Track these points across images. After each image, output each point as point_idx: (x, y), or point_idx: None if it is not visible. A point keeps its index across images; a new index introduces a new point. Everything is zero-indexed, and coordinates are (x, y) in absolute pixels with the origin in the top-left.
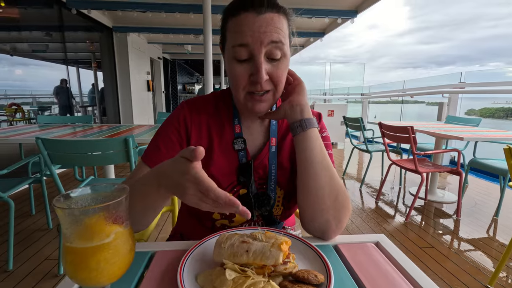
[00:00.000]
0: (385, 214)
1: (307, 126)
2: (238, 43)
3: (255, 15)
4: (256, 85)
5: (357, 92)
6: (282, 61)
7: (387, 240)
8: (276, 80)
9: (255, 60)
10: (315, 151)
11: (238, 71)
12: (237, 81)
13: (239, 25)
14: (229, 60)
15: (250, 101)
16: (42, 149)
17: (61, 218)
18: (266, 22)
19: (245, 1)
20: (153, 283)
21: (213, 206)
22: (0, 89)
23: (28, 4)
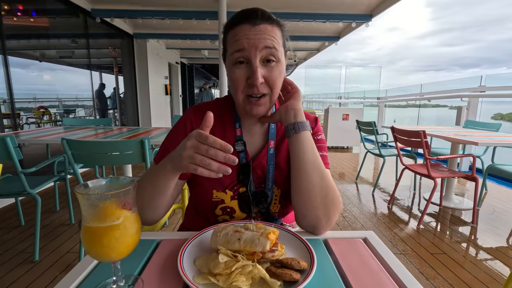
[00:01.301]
0: (397, 219)
1: (300, 128)
2: (235, 49)
3: (250, 26)
4: (253, 88)
5: (373, 96)
6: (277, 66)
7: (375, 237)
8: (271, 83)
9: (251, 64)
10: (307, 152)
11: (237, 75)
12: (236, 85)
13: (237, 35)
14: (229, 66)
15: (248, 104)
16: (67, 149)
17: (81, 202)
18: (260, 31)
19: (243, 15)
20: (158, 266)
21: (207, 155)
22: (30, 93)
23: (57, 13)
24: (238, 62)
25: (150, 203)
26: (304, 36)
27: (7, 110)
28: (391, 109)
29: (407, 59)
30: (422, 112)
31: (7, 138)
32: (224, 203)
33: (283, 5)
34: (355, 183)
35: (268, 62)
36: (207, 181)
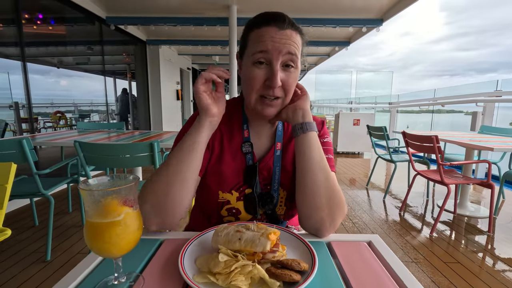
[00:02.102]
0: (409, 227)
1: (307, 129)
2: (258, 50)
3: (277, 29)
4: (269, 90)
5: (385, 101)
6: (294, 72)
7: (380, 241)
8: (287, 88)
9: (272, 67)
10: (314, 152)
11: (255, 74)
12: (252, 84)
13: (262, 36)
14: (247, 65)
15: (261, 104)
16: (79, 151)
17: (84, 198)
18: (286, 36)
19: (270, 17)
20: (159, 264)
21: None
22: (47, 98)
23: (74, 22)
24: (258, 62)
25: (175, 182)
26: (314, 42)
27: (25, 114)
28: (404, 114)
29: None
30: (436, 117)
31: (23, 140)
32: (230, 204)
33: (293, 10)
34: (366, 189)
35: (287, 67)
36: (214, 182)
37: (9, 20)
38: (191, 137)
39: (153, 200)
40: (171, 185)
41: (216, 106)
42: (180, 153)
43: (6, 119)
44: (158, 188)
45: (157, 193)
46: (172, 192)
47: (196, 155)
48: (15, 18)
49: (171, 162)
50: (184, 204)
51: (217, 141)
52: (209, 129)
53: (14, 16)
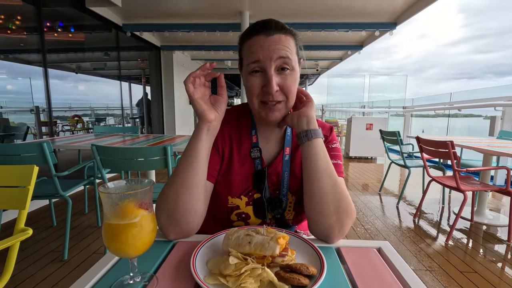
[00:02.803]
0: (423, 234)
1: (312, 136)
2: (251, 60)
3: (264, 37)
4: (268, 95)
5: (399, 105)
6: (291, 74)
7: (390, 247)
8: (286, 90)
9: (267, 73)
10: (319, 159)
11: (253, 82)
12: (252, 91)
13: (252, 46)
14: (245, 75)
15: (264, 110)
16: (96, 154)
17: (103, 200)
18: (274, 41)
19: (257, 26)
20: (172, 265)
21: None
22: (66, 102)
23: (92, 29)
24: (254, 71)
25: (182, 189)
26: (326, 46)
27: (45, 118)
28: (419, 119)
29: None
30: (452, 122)
31: (44, 144)
32: (239, 209)
33: (305, 15)
34: (379, 194)
35: (282, 70)
36: (223, 187)
37: (32, 28)
38: (192, 144)
39: (167, 209)
40: (180, 192)
41: (213, 111)
42: (184, 160)
43: (27, 122)
44: (168, 196)
45: (168, 201)
46: (182, 199)
47: (200, 161)
48: (37, 27)
49: (177, 170)
50: (195, 210)
51: (227, 147)
52: (208, 134)
53: (37, 24)
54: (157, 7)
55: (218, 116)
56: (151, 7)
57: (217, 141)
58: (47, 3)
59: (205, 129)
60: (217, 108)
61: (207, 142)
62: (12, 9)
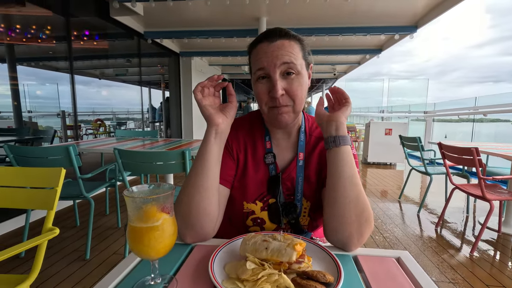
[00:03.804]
0: (446, 244)
1: (340, 143)
2: (257, 67)
3: (268, 43)
4: (275, 100)
5: (420, 110)
6: (297, 78)
7: (409, 257)
8: (292, 94)
9: (271, 79)
10: (345, 167)
11: (260, 89)
12: (260, 98)
13: (257, 54)
14: (253, 83)
15: (272, 115)
16: (118, 158)
17: (127, 204)
18: (277, 47)
19: (263, 34)
20: (191, 268)
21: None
22: (89, 107)
23: (116, 37)
24: (261, 77)
25: (194, 192)
26: (344, 50)
27: (71, 122)
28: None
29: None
30: (477, 127)
31: (70, 147)
32: (255, 214)
33: (322, 20)
34: (398, 202)
35: (288, 74)
36: (238, 193)
37: (61, 37)
38: (202, 148)
39: (181, 213)
40: (192, 195)
41: (221, 115)
42: (195, 164)
43: (53, 126)
44: (182, 200)
45: (182, 205)
46: (194, 203)
47: (210, 164)
48: (65, 36)
49: (190, 174)
50: (208, 214)
51: (242, 153)
52: (217, 137)
53: (65, 33)
54: (176, 15)
55: (226, 120)
56: (171, 15)
57: (232, 147)
58: (75, 14)
59: (213, 132)
60: (225, 112)
61: (216, 146)
62: (43, 19)
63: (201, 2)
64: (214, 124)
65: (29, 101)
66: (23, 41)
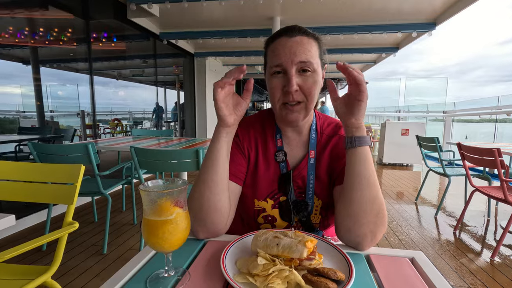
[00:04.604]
0: (465, 248)
1: (357, 143)
2: (274, 63)
3: (287, 38)
4: (288, 95)
5: (439, 110)
6: (312, 75)
7: (424, 258)
8: (306, 91)
9: (287, 74)
10: (362, 167)
11: (274, 84)
12: (273, 93)
13: (275, 48)
14: (268, 77)
15: (284, 111)
16: (134, 156)
17: (143, 198)
18: (296, 43)
19: (282, 30)
20: (203, 263)
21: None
22: (107, 107)
23: (132, 38)
24: (276, 72)
25: (205, 188)
26: (359, 49)
27: (90, 121)
28: (461, 124)
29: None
30: (500, 128)
31: (89, 145)
32: (266, 212)
33: (336, 19)
34: (415, 204)
35: (303, 71)
36: (249, 190)
37: (81, 39)
38: (212, 147)
39: (194, 209)
40: (202, 191)
41: (233, 116)
42: (205, 162)
43: (73, 125)
44: (193, 196)
45: (194, 201)
46: (205, 199)
47: (219, 162)
48: (85, 38)
49: (201, 171)
50: (219, 210)
51: (253, 151)
52: (227, 136)
53: (85, 35)
54: (191, 16)
55: (237, 119)
56: (186, 16)
57: (243, 145)
58: (94, 16)
59: (224, 132)
60: (236, 111)
61: (225, 143)
62: (64, 22)
63: (215, 2)
64: (226, 125)
65: (51, 101)
66: (46, 43)
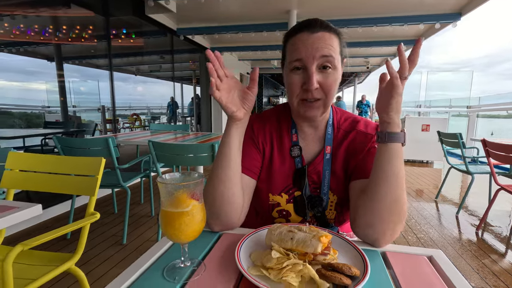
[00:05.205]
0: (488, 248)
1: (387, 139)
2: (294, 58)
3: (309, 33)
4: (308, 93)
5: (462, 105)
6: (332, 73)
7: (443, 256)
8: (326, 89)
9: (308, 71)
10: (390, 164)
11: (293, 80)
12: (292, 89)
13: (296, 43)
14: (287, 73)
15: (303, 107)
16: (151, 150)
17: (161, 190)
18: (318, 39)
19: (303, 24)
20: (218, 255)
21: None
22: (126, 102)
23: (150, 34)
24: (295, 68)
25: (218, 182)
26: (378, 42)
27: (110, 116)
28: (487, 120)
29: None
30: None
31: (109, 139)
32: (280, 206)
33: (354, 11)
34: (435, 202)
35: (324, 68)
36: (264, 184)
37: (101, 36)
38: (224, 141)
39: (208, 202)
40: (216, 185)
41: (242, 110)
42: (218, 156)
43: (94, 120)
44: (207, 190)
45: (207, 195)
46: (218, 193)
47: (232, 156)
48: (105, 34)
49: (214, 165)
50: (233, 203)
51: (268, 145)
52: (238, 129)
53: (105, 32)
54: (207, 11)
55: (246, 113)
56: (202, 12)
57: (258, 139)
58: (114, 13)
59: (234, 127)
60: (245, 105)
61: (236, 137)
62: (85, 20)
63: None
64: (236, 119)
65: (74, 96)
66: (69, 41)
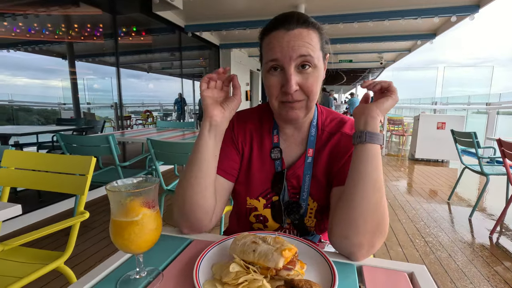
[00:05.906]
0: (502, 255)
1: (367, 139)
2: (270, 58)
3: (284, 31)
4: (287, 96)
5: (481, 101)
6: (313, 72)
7: (425, 273)
8: (307, 90)
9: (285, 73)
10: (369, 168)
11: (271, 82)
12: (270, 91)
13: (271, 42)
14: (264, 74)
15: (284, 109)
16: (150, 148)
17: (109, 197)
18: (294, 36)
19: (278, 20)
20: (182, 264)
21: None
22: (139, 99)
23: (159, 32)
24: (272, 68)
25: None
26: (391, 36)
27: (125, 113)
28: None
29: None
30: None
31: (109, 136)
32: (257, 211)
33: (364, 5)
34: (447, 203)
35: (303, 68)
36: (242, 187)
37: (111, 34)
38: (196, 141)
39: (177, 203)
40: (185, 188)
41: (218, 108)
42: (190, 157)
43: (108, 116)
44: (177, 191)
45: (177, 196)
46: (188, 195)
47: (203, 158)
48: (113, 32)
49: (185, 168)
50: (203, 207)
51: (247, 146)
52: (211, 130)
53: (113, 30)
54: (214, 7)
55: (223, 112)
56: (209, 8)
57: (237, 139)
58: (121, 11)
59: (207, 125)
60: (225, 106)
61: (210, 139)
62: (94, 18)
63: None
64: (208, 115)
65: (88, 93)
66: (81, 39)
